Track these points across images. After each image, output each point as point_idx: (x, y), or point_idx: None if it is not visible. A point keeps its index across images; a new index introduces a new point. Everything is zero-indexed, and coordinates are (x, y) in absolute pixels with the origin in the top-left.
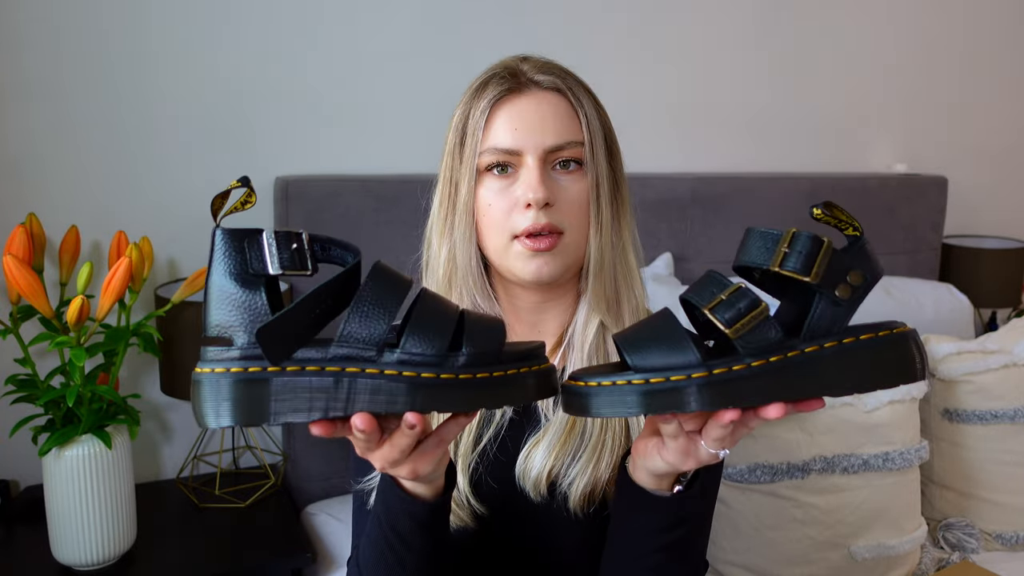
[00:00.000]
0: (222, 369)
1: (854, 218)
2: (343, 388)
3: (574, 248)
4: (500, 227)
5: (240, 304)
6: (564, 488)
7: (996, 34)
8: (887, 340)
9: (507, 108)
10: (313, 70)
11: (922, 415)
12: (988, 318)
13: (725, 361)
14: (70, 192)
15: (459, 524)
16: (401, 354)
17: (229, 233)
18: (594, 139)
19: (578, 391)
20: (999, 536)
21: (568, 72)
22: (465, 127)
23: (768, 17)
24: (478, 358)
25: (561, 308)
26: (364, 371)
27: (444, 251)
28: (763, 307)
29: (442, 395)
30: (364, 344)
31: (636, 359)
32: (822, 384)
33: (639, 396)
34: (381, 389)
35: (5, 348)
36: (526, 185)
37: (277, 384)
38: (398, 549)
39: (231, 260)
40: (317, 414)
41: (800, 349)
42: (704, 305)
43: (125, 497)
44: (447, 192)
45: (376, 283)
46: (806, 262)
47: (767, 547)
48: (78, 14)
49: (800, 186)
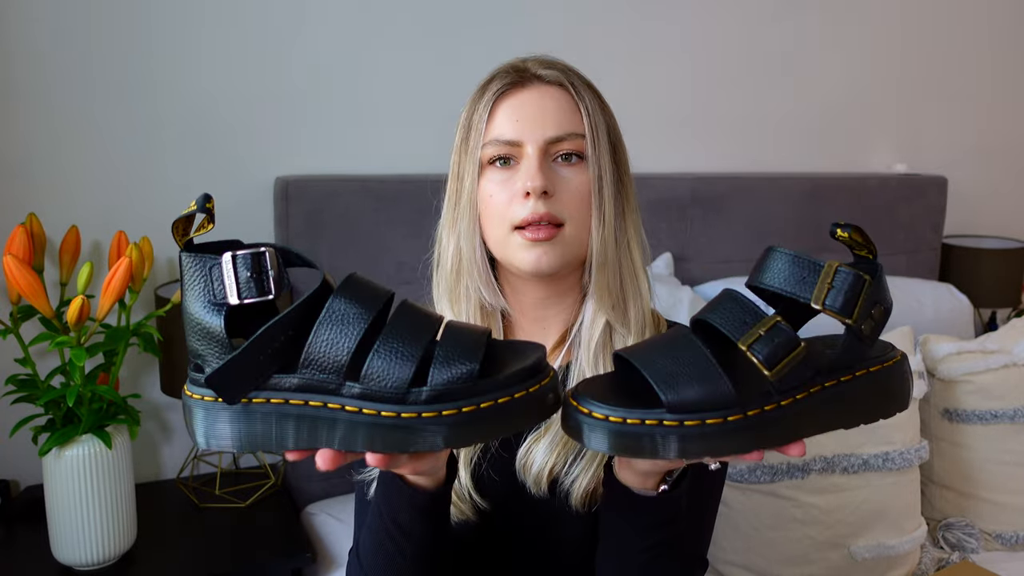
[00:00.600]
0: (198, 396)
1: (871, 242)
2: (303, 426)
3: (574, 241)
4: (500, 218)
5: (206, 333)
6: (566, 486)
7: (996, 34)
8: (891, 371)
9: (509, 101)
10: (313, 70)
11: (922, 415)
12: (988, 318)
13: (757, 400)
14: (70, 192)
15: (461, 517)
16: (362, 388)
17: (193, 258)
18: (596, 132)
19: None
20: (999, 536)
21: (572, 68)
22: (469, 122)
23: (768, 17)
24: (445, 393)
25: (566, 304)
26: (326, 405)
27: (452, 245)
28: (802, 348)
29: (402, 437)
30: (326, 371)
31: (670, 394)
32: (839, 418)
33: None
34: (339, 428)
35: (5, 348)
36: (525, 174)
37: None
38: (398, 539)
39: (197, 286)
40: (284, 446)
41: (821, 384)
42: (739, 339)
43: (125, 497)
44: (454, 187)
45: (343, 299)
46: (848, 302)
47: (767, 547)
48: (78, 14)
49: (800, 186)
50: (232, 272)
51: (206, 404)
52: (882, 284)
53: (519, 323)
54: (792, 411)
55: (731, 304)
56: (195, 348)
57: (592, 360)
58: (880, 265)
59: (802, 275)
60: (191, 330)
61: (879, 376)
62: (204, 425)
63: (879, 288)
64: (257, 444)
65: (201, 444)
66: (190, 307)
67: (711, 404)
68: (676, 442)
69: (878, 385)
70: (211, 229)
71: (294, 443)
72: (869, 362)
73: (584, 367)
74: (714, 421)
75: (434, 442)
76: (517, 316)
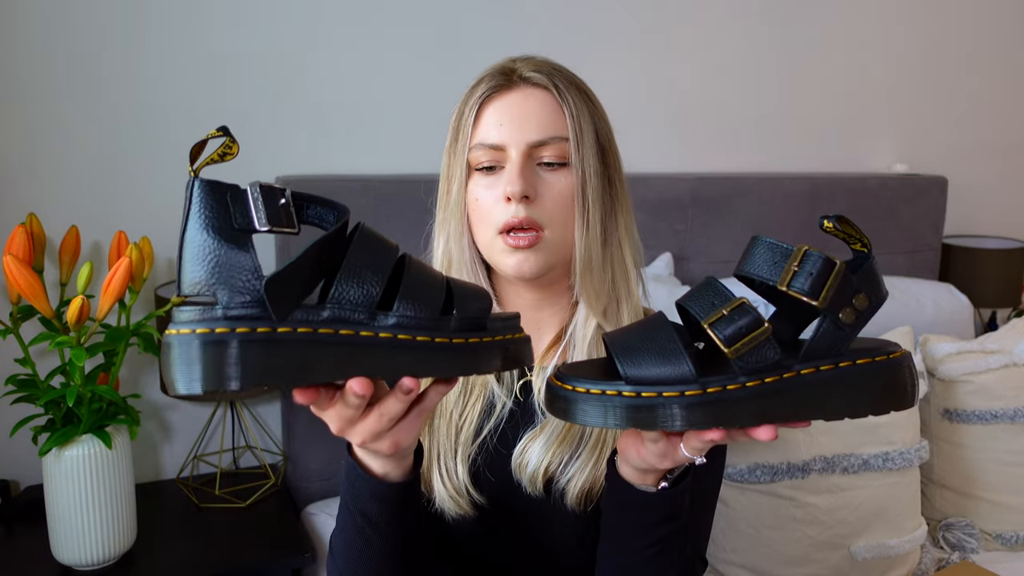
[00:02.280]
0: (205, 329)
1: (864, 234)
2: (334, 351)
3: (558, 245)
4: (486, 221)
5: (222, 261)
6: (562, 485)
7: (996, 34)
8: (883, 367)
9: (495, 104)
10: (313, 71)
11: (922, 415)
12: (988, 318)
13: (719, 379)
14: (70, 192)
15: (459, 512)
16: (397, 318)
17: (210, 185)
18: (581, 136)
19: (562, 394)
20: (999, 536)
21: (559, 69)
22: (458, 125)
23: (768, 17)
24: (469, 323)
25: (560, 306)
26: (359, 334)
27: (441, 246)
28: (764, 328)
29: (438, 359)
30: (356, 306)
31: (629, 368)
32: (815, 408)
33: (625, 410)
34: (377, 353)
35: (5, 348)
36: (506, 179)
37: (269, 345)
38: (367, 533)
39: (212, 214)
40: (311, 375)
41: (796, 371)
42: (704, 318)
43: (125, 497)
44: (444, 188)
45: (366, 245)
46: (815, 285)
47: (767, 547)
48: (78, 14)
49: (800, 186)
50: (260, 200)
51: (212, 336)
52: (871, 275)
53: None
54: (758, 392)
55: (705, 289)
56: (202, 277)
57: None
58: (871, 256)
59: (775, 259)
60: (200, 259)
61: (866, 369)
62: (189, 365)
63: (865, 278)
64: (277, 375)
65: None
66: (198, 235)
67: (668, 379)
68: (627, 411)
69: (866, 379)
70: (236, 154)
71: (325, 372)
72: (858, 355)
73: None
74: (670, 394)
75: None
76: None
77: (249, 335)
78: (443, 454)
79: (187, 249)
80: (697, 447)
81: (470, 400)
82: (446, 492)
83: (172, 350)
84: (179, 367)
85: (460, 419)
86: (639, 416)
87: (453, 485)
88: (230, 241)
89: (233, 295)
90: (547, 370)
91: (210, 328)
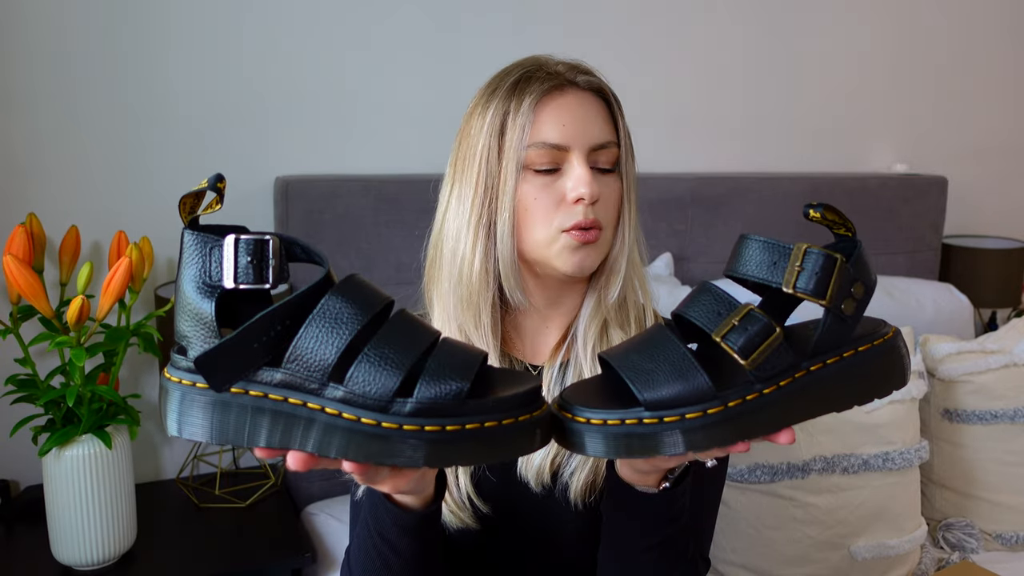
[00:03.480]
0: (175, 379)
1: (848, 219)
2: (278, 423)
3: (607, 246)
4: (546, 222)
5: (195, 314)
6: (565, 478)
7: (996, 34)
8: (883, 348)
9: (553, 105)
10: (313, 70)
11: (922, 415)
12: (988, 318)
13: (737, 390)
14: (70, 192)
15: (460, 525)
16: (345, 391)
17: (196, 236)
18: (629, 142)
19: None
20: (999, 536)
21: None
22: (504, 124)
23: (768, 17)
24: (430, 408)
25: (571, 305)
26: (305, 405)
27: (479, 249)
28: (778, 333)
29: (379, 447)
30: (310, 370)
31: (646, 392)
32: (828, 402)
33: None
34: (315, 429)
35: (5, 348)
36: (577, 180)
37: (216, 406)
38: (385, 553)
39: (194, 266)
40: (255, 442)
41: (806, 369)
42: (713, 330)
43: (125, 497)
44: (481, 189)
45: (339, 298)
46: (820, 284)
47: (767, 547)
48: (78, 15)
49: (800, 186)
50: (232, 255)
51: (184, 388)
52: (862, 261)
53: (521, 326)
54: (776, 399)
55: (706, 296)
56: (182, 329)
57: (591, 358)
58: (859, 242)
59: (773, 260)
60: (181, 310)
61: (868, 355)
62: (178, 411)
63: (858, 266)
64: (228, 437)
65: (172, 430)
66: (184, 286)
67: (688, 399)
68: (657, 440)
69: (869, 365)
70: (219, 209)
71: (266, 440)
72: (858, 341)
73: (583, 365)
74: (694, 415)
75: (413, 458)
76: (520, 320)
77: (203, 391)
78: None
79: (176, 298)
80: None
81: None
82: (446, 507)
83: (161, 393)
84: (163, 408)
85: None
86: (665, 442)
87: (454, 499)
88: (204, 296)
89: (200, 349)
90: (553, 368)
91: (179, 379)
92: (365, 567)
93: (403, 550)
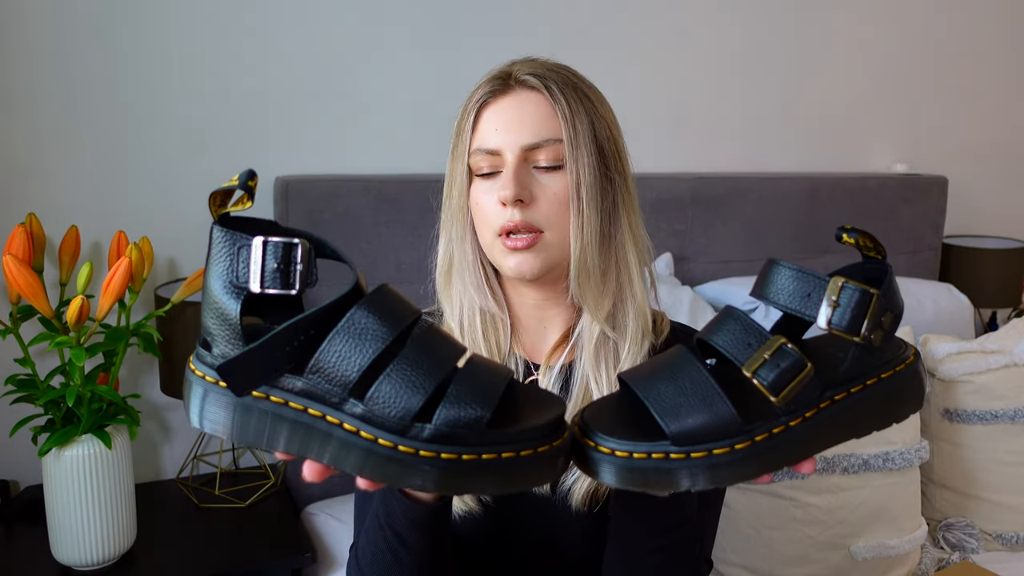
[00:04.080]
0: (200, 374)
1: (880, 244)
2: (297, 432)
3: (558, 247)
4: (487, 224)
5: (220, 313)
6: (568, 485)
7: (996, 34)
8: (904, 374)
9: (491, 109)
10: (313, 70)
11: (922, 415)
12: (988, 318)
13: (764, 425)
14: (70, 192)
15: (464, 508)
16: (364, 409)
17: (226, 233)
18: (575, 137)
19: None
20: (999, 536)
21: (556, 70)
22: (458, 130)
23: (768, 17)
24: (448, 435)
25: (565, 305)
26: (324, 418)
27: (443, 248)
28: (809, 369)
29: (395, 470)
30: (332, 383)
31: (672, 424)
32: (851, 430)
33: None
34: (332, 444)
35: (5, 348)
36: (501, 183)
37: (238, 407)
38: (396, 548)
39: (222, 264)
40: (274, 447)
41: (831, 399)
42: (743, 364)
43: (125, 497)
44: (447, 191)
45: (367, 312)
46: (855, 320)
47: (767, 547)
48: (78, 15)
49: (800, 186)
50: (260, 258)
51: (207, 384)
52: (892, 289)
53: (520, 323)
54: (802, 431)
55: (734, 325)
56: (208, 325)
57: (594, 360)
58: (889, 267)
59: (806, 291)
60: (208, 306)
61: (891, 382)
62: (200, 405)
63: (888, 295)
64: (249, 439)
65: (194, 422)
66: (211, 283)
67: (715, 433)
68: (684, 475)
69: (890, 391)
70: (249, 207)
71: (284, 447)
72: (881, 368)
73: (587, 367)
74: (721, 451)
75: (425, 483)
76: (521, 316)
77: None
78: None
79: (204, 295)
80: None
81: None
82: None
83: (185, 385)
84: (186, 398)
85: None
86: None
87: None
88: (231, 295)
89: (223, 348)
90: (554, 369)
91: (203, 374)
92: (374, 560)
93: (413, 544)
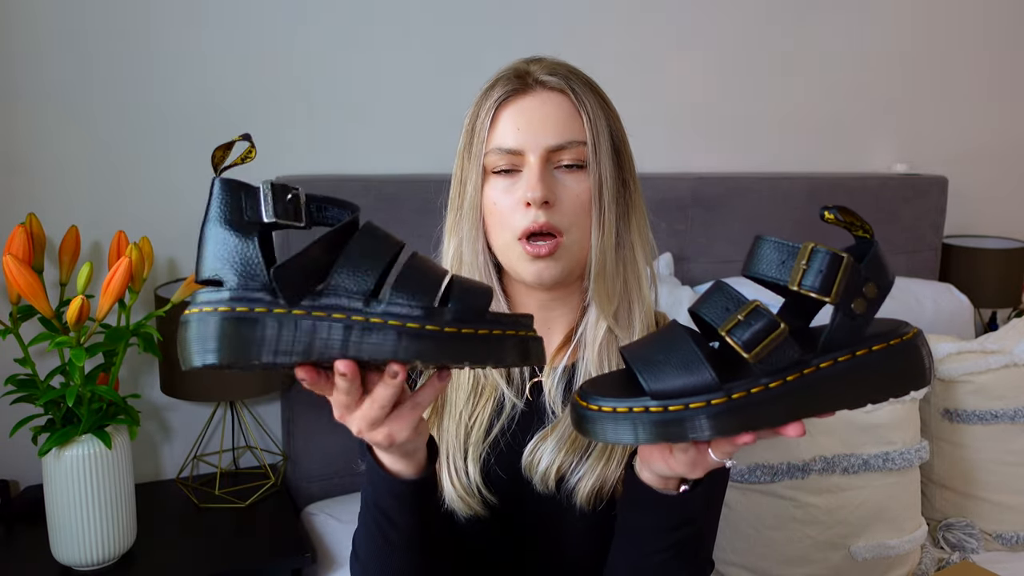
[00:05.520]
0: (210, 308)
1: (866, 221)
2: (330, 332)
3: (576, 250)
4: (504, 226)
5: (233, 249)
6: (572, 484)
7: (996, 34)
8: (899, 349)
9: (511, 108)
10: (313, 70)
11: (922, 415)
12: (988, 318)
13: (743, 383)
14: (70, 192)
15: (470, 512)
16: (386, 304)
17: (227, 183)
18: (597, 139)
19: (589, 414)
20: (999, 536)
21: (575, 72)
22: (473, 128)
23: (768, 17)
24: (464, 314)
25: (570, 306)
26: (350, 317)
27: (452, 248)
28: (781, 329)
29: (426, 346)
30: (351, 294)
31: (652, 382)
32: (838, 400)
33: (655, 425)
34: (366, 336)
35: (5, 348)
36: (526, 184)
37: (266, 324)
38: (384, 527)
39: (227, 208)
40: (300, 357)
41: (815, 365)
42: (719, 325)
43: (125, 497)
44: (456, 191)
45: (366, 238)
46: (826, 281)
47: (767, 547)
48: (78, 15)
49: (800, 186)
50: (271, 195)
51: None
52: (876, 262)
53: None
54: (782, 393)
55: (717, 294)
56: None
57: (597, 360)
58: (875, 243)
59: (781, 259)
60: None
61: (883, 355)
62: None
63: (871, 267)
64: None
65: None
66: (216, 227)
67: (692, 389)
68: (656, 426)
69: (883, 364)
70: (254, 158)
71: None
72: (873, 341)
73: (590, 367)
74: (697, 405)
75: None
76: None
77: (248, 314)
78: (452, 454)
79: (205, 240)
80: (727, 451)
81: (480, 401)
82: (455, 492)
83: (189, 327)
84: (195, 342)
85: (470, 420)
86: (669, 430)
87: (462, 485)
88: (240, 232)
89: (240, 279)
90: (557, 370)
91: (215, 307)
92: (368, 545)
93: (401, 524)
